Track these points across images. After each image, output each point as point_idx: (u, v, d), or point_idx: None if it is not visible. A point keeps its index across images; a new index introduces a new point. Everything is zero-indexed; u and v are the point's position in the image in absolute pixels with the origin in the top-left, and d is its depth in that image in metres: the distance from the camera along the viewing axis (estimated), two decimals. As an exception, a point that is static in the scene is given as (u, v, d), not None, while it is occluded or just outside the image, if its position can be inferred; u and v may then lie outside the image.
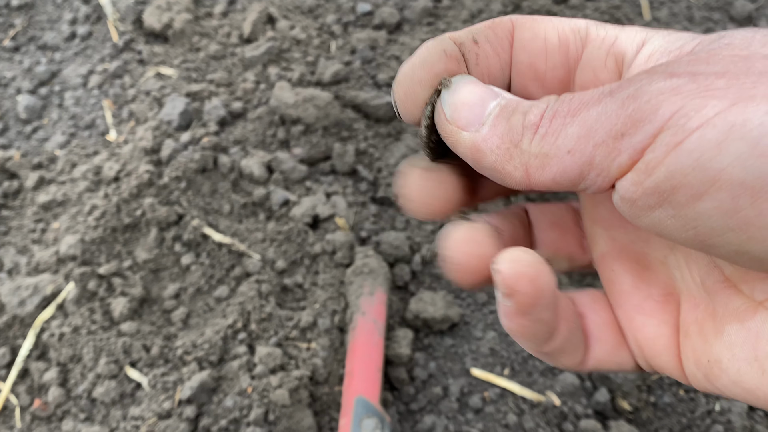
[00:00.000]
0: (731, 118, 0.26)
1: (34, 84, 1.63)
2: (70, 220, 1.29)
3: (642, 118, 0.28)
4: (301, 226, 1.29)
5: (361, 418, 1.05)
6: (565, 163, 0.31)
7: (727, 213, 0.27)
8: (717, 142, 0.26)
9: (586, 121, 0.30)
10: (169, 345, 1.15)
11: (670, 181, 0.28)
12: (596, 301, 0.41)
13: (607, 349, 0.40)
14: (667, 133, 0.28)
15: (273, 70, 1.55)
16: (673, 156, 0.28)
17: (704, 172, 0.27)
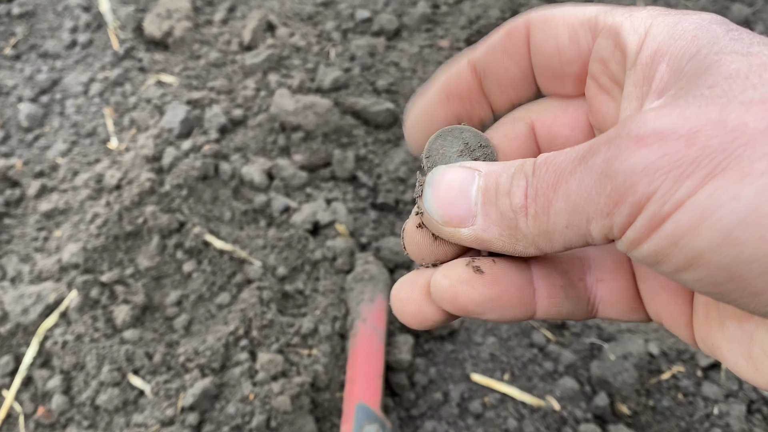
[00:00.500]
0: (703, 202, 0.27)
1: (35, 92, 1.64)
2: (72, 228, 1.30)
3: (620, 200, 0.29)
4: (302, 233, 1.30)
5: (362, 425, 1.06)
6: (567, 235, 0.33)
7: (711, 284, 0.29)
8: (691, 228, 0.28)
9: (569, 196, 0.32)
10: (171, 352, 1.16)
11: (654, 257, 0.30)
12: (619, 267, 0.41)
13: (621, 313, 0.41)
14: (644, 216, 0.29)
15: (273, 77, 1.56)
16: (654, 238, 0.29)
17: (683, 253, 0.28)
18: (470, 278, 0.37)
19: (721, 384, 1.22)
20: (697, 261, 0.28)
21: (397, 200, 1.41)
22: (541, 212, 0.33)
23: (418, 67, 1.62)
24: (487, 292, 0.37)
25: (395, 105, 1.54)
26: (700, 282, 0.29)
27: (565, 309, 0.40)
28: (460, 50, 1.62)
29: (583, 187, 0.31)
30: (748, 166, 0.26)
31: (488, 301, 0.37)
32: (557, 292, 0.40)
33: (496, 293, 0.38)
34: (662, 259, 0.29)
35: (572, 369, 1.22)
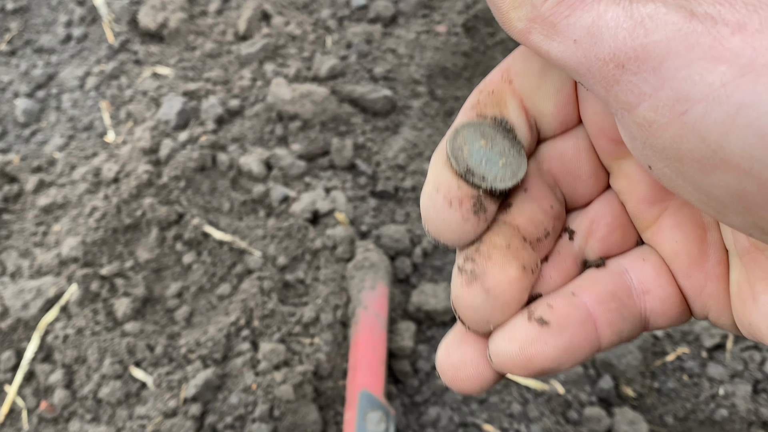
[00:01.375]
0: (738, 96, 0.24)
1: (31, 87, 1.63)
2: (71, 222, 1.29)
3: (646, 58, 0.26)
4: (301, 222, 1.29)
5: (365, 412, 1.05)
6: (568, 48, 0.29)
7: (736, 193, 0.26)
8: (723, 124, 0.25)
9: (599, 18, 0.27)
10: (173, 344, 1.15)
11: (676, 151, 0.27)
12: (660, 275, 0.38)
13: (672, 320, 0.38)
14: (670, 94, 0.26)
15: (269, 67, 1.55)
16: (677, 126, 0.26)
17: (710, 152, 0.26)
18: (539, 334, 0.34)
19: (726, 364, 1.21)
20: (725, 164, 0.25)
21: (396, 188, 1.40)
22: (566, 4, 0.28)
23: (416, 53, 1.61)
24: (560, 343, 0.34)
25: (393, 92, 1.53)
26: (724, 190, 0.26)
27: (625, 332, 0.37)
28: (457, 35, 1.61)
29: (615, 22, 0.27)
30: None
31: (562, 352, 0.34)
32: (614, 317, 0.36)
33: (567, 340, 0.34)
34: (684, 155, 0.26)
35: (576, 352, 1.21)
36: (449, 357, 0.36)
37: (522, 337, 0.34)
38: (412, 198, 1.40)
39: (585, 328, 0.35)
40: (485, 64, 1.64)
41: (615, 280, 0.38)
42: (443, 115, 1.53)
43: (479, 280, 0.34)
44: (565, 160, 0.39)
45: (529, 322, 0.34)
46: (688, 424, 1.16)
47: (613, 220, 0.40)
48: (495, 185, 0.36)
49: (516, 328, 0.34)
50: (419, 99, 1.54)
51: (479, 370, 0.36)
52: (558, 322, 0.34)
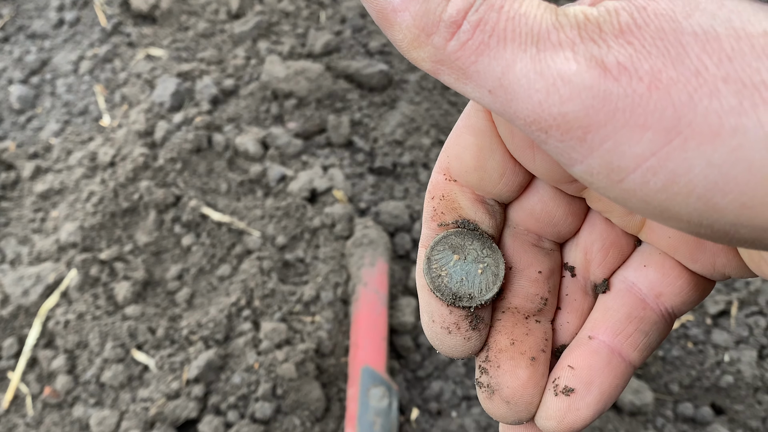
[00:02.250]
0: (672, 165, 0.23)
1: (25, 73, 1.62)
2: (69, 208, 1.29)
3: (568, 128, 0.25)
4: (300, 201, 1.28)
5: (368, 388, 1.05)
6: (485, 97, 0.27)
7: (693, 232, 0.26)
8: (664, 191, 0.24)
9: (508, 70, 0.26)
10: (174, 326, 1.15)
11: (624, 204, 0.26)
12: (666, 273, 0.39)
13: (696, 302, 0.39)
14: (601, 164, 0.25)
15: (263, 45, 1.53)
16: (617, 191, 0.26)
17: (658, 212, 0.25)
18: (569, 404, 0.36)
19: (731, 331, 1.20)
20: (674, 217, 0.25)
21: (394, 163, 1.39)
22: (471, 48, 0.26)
23: (411, 26, 1.59)
24: (592, 400, 0.36)
25: (389, 66, 1.52)
26: (683, 227, 0.26)
27: (652, 342, 0.38)
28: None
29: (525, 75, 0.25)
30: (717, 123, 0.23)
31: (597, 404, 0.36)
32: (637, 338, 0.38)
33: (597, 392, 0.36)
34: (635, 210, 0.26)
35: (579, 323, 1.21)
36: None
37: (555, 414, 0.36)
38: (410, 173, 1.38)
39: (611, 367, 0.37)
40: (482, 35, 1.61)
41: (625, 301, 0.39)
42: (441, 88, 1.51)
43: (497, 394, 0.37)
44: (536, 214, 0.40)
45: (557, 397, 0.36)
46: (693, 392, 1.16)
47: (604, 242, 0.40)
48: (483, 298, 0.37)
49: (548, 407, 0.36)
50: (416, 72, 1.52)
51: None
52: (583, 382, 0.36)
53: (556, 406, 0.36)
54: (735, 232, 0.24)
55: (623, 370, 0.37)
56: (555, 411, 0.36)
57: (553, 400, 0.36)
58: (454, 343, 0.38)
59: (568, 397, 0.36)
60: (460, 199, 0.38)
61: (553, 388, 0.37)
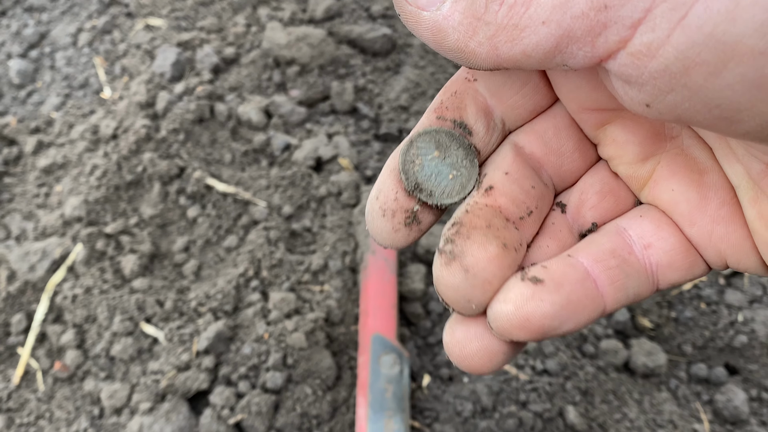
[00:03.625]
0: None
1: (23, 47, 1.59)
2: (73, 182, 1.28)
3: None
4: (305, 170, 1.26)
5: (379, 355, 1.04)
6: (539, 34, 0.28)
7: (752, 84, 0.24)
8: (727, 11, 0.23)
9: None
10: (182, 298, 1.14)
11: (682, 62, 0.25)
12: (660, 225, 0.37)
13: (683, 271, 0.37)
14: (664, 6, 0.24)
15: (263, 11, 1.50)
16: (678, 34, 0.24)
17: (719, 47, 0.24)
18: (534, 291, 0.33)
19: (744, 290, 1.19)
20: (737, 53, 0.24)
21: (400, 129, 1.37)
22: (520, 2, 0.28)
23: (414, -12, 1.56)
24: (558, 299, 0.33)
25: (392, 30, 1.49)
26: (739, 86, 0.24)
27: (631, 290, 0.36)
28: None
29: None
30: None
31: (561, 309, 0.33)
32: (616, 273, 0.35)
33: (564, 298, 0.33)
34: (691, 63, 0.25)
35: (590, 286, 1.19)
36: (454, 335, 0.36)
37: (516, 297, 0.33)
38: (416, 139, 1.36)
39: (584, 286, 0.34)
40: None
41: (613, 238, 0.37)
42: (445, 52, 1.48)
43: (458, 260, 0.34)
44: (546, 139, 0.39)
45: (522, 282, 0.33)
46: (707, 352, 1.15)
47: (603, 187, 0.39)
48: (441, 201, 0.37)
49: (510, 289, 0.33)
50: (420, 36, 1.49)
51: (484, 343, 0.35)
52: (553, 280, 0.33)
53: (520, 291, 0.33)
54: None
55: (594, 298, 0.35)
56: (517, 295, 0.33)
57: (517, 284, 0.33)
58: (382, 227, 0.37)
59: (534, 285, 0.33)
60: (469, 103, 0.38)
61: (521, 275, 0.34)
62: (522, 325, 0.32)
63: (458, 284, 0.34)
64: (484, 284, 0.33)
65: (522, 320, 0.32)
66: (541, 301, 0.32)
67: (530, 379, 1.08)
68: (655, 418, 1.06)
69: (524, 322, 0.32)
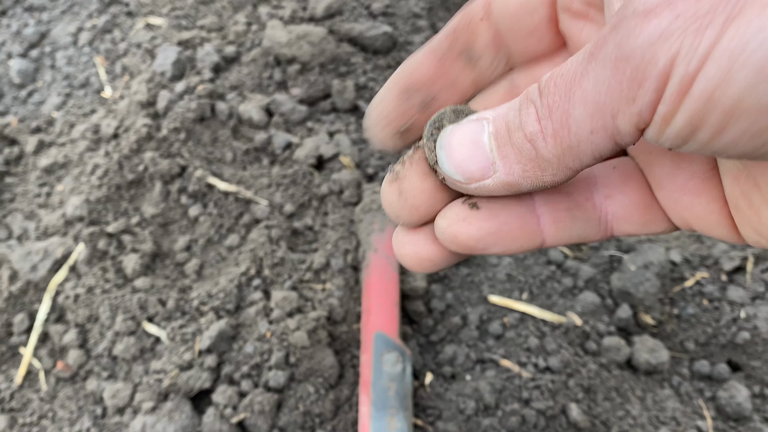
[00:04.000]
0: (728, 45, 0.25)
1: (24, 47, 1.59)
2: (74, 182, 1.28)
3: (644, 77, 0.28)
4: (306, 168, 1.26)
5: (381, 353, 1.04)
6: (594, 142, 0.31)
7: (754, 136, 0.27)
8: (722, 76, 0.26)
9: (586, 98, 0.30)
10: (184, 297, 1.14)
11: (689, 127, 0.28)
12: (627, 180, 0.40)
13: (638, 225, 0.40)
14: (672, 83, 0.27)
15: (264, 10, 1.50)
16: (685, 104, 0.27)
17: (719, 109, 0.26)
18: (467, 215, 0.37)
19: (746, 287, 1.19)
20: (736, 111, 0.26)
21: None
22: (559, 128, 0.31)
23: (414, -14, 1.56)
24: (485, 226, 0.37)
25: (393, 28, 1.48)
26: (744, 136, 0.27)
27: (575, 231, 0.39)
28: (457, -36, 1.55)
29: (600, 81, 0.29)
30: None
31: (488, 234, 0.37)
32: (562, 216, 0.39)
33: (495, 226, 0.37)
34: (700, 123, 0.27)
35: (592, 283, 1.19)
36: (397, 236, 0.41)
37: (451, 216, 0.38)
38: (418, 136, 1.36)
39: (522, 219, 0.38)
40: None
41: (576, 182, 0.40)
42: (446, 49, 1.48)
43: (398, 182, 0.39)
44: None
45: (462, 205, 0.38)
46: (709, 349, 1.15)
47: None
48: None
49: (450, 208, 0.38)
50: (420, 34, 1.49)
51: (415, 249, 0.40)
52: (490, 209, 0.37)
53: (456, 211, 0.38)
54: None
55: (531, 232, 0.38)
56: (452, 214, 0.38)
57: (457, 205, 0.38)
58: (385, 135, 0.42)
59: (470, 209, 0.37)
60: (481, 34, 0.41)
61: (465, 199, 0.38)
62: (451, 240, 0.37)
63: (392, 202, 0.39)
64: (411, 208, 0.39)
65: (451, 236, 0.37)
66: (469, 225, 0.37)
67: (533, 376, 1.08)
68: (657, 415, 1.06)
69: (453, 238, 0.37)
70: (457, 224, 0.37)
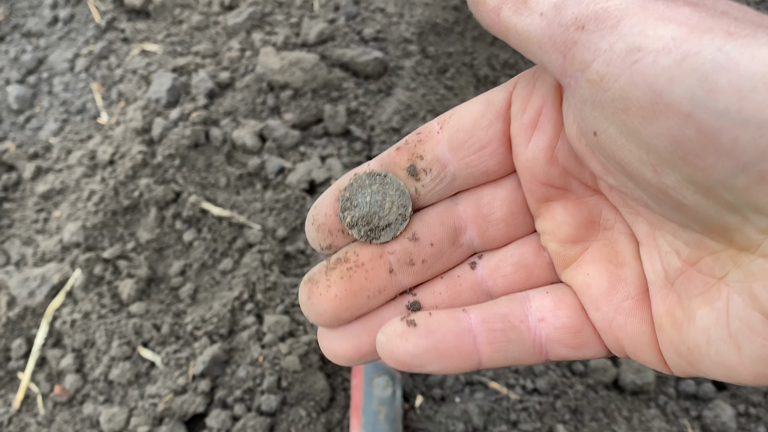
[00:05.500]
0: (685, 47, 0.27)
1: (22, 73, 1.62)
2: (71, 208, 1.30)
3: (606, 18, 0.29)
4: (299, 193, 1.29)
5: (372, 377, 1.06)
6: (533, 22, 0.32)
7: (674, 140, 0.28)
8: (670, 70, 0.27)
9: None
10: (179, 322, 1.17)
11: (624, 101, 0.29)
12: (558, 305, 0.41)
13: (571, 349, 0.40)
14: (623, 47, 0.28)
15: (257, 36, 1.53)
16: (627, 75, 0.28)
17: (656, 97, 0.28)
18: (404, 331, 0.38)
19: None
20: (668, 109, 0.27)
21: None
22: None
23: (405, 10, 1.58)
24: (422, 343, 0.38)
25: (384, 53, 1.51)
26: (665, 137, 0.28)
27: (510, 353, 0.40)
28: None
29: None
30: (735, 29, 0.27)
31: (424, 351, 0.38)
32: (497, 336, 0.39)
33: (431, 343, 0.38)
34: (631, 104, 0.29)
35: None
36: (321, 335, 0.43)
37: (390, 332, 0.39)
38: (408, 160, 1.38)
39: (458, 339, 0.39)
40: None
41: (511, 305, 0.41)
42: (436, 73, 1.51)
43: (309, 285, 0.41)
44: (481, 204, 0.42)
45: (400, 322, 0.39)
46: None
47: (520, 260, 0.43)
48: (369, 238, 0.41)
49: (390, 324, 0.39)
50: (411, 58, 1.52)
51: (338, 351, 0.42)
52: (428, 327, 0.38)
53: (394, 328, 0.39)
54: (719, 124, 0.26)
55: (467, 352, 0.39)
56: (391, 330, 0.39)
57: (396, 322, 0.39)
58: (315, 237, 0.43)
59: (408, 326, 0.39)
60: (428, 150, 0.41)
61: (405, 315, 0.40)
62: (389, 356, 0.38)
63: (302, 302, 0.41)
64: (318, 314, 0.40)
65: (389, 352, 0.38)
66: (405, 341, 0.38)
67: (521, 398, 1.10)
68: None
69: (390, 354, 0.38)
70: (394, 340, 0.38)
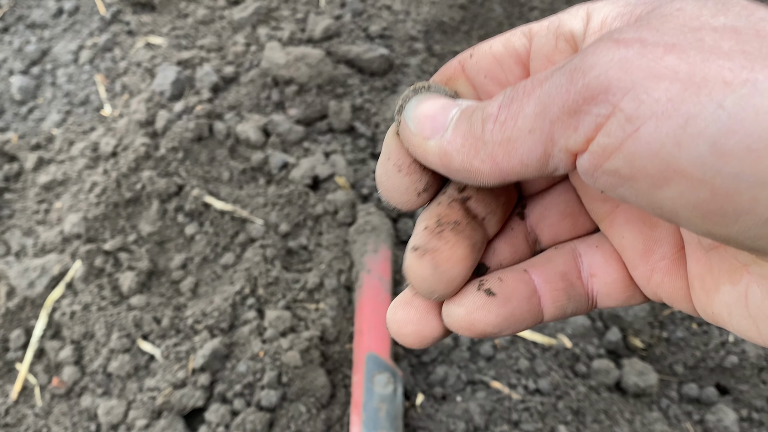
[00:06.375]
0: (685, 108, 0.25)
1: (25, 64, 1.61)
2: (72, 199, 1.29)
3: (593, 95, 0.28)
4: (302, 188, 1.28)
5: (373, 374, 1.06)
6: (528, 143, 0.31)
7: (689, 203, 0.27)
8: (674, 135, 0.26)
9: (540, 98, 0.30)
10: (179, 315, 1.16)
11: (629, 168, 0.28)
12: (608, 261, 0.41)
13: (619, 302, 0.41)
14: (620, 116, 0.27)
15: (263, 31, 1.52)
16: (630, 144, 0.27)
17: (664, 165, 0.26)
18: (484, 303, 0.38)
19: (735, 311, 1.20)
20: (678, 174, 0.26)
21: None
22: (509, 118, 0.31)
23: (411, 8, 1.58)
24: (503, 313, 0.38)
25: (389, 50, 1.51)
26: (679, 201, 0.27)
27: (569, 309, 0.41)
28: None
29: (554, 85, 0.29)
30: (729, 76, 0.25)
31: (504, 320, 0.38)
32: (560, 295, 0.40)
33: (509, 311, 0.38)
34: (638, 172, 0.27)
35: (583, 306, 1.20)
36: (395, 315, 0.40)
37: (469, 304, 0.38)
38: (412, 158, 1.38)
39: (529, 302, 0.39)
40: (483, 16, 1.60)
41: (567, 261, 0.41)
42: (442, 72, 1.50)
43: (430, 255, 0.38)
44: None
45: (477, 292, 0.38)
46: (698, 372, 1.16)
47: (565, 209, 0.43)
48: None
49: (465, 296, 0.38)
50: (417, 56, 1.51)
51: (419, 328, 0.40)
52: (504, 295, 0.38)
53: (473, 299, 0.38)
54: (735, 187, 0.25)
55: (535, 313, 0.39)
56: (470, 302, 0.38)
57: (473, 292, 0.38)
58: (401, 183, 0.39)
59: (487, 297, 0.38)
60: (461, 81, 0.41)
61: (478, 285, 0.38)
62: (467, 327, 0.38)
63: (426, 276, 0.37)
64: (449, 281, 0.38)
65: (468, 323, 0.38)
66: (488, 312, 0.38)
67: (522, 398, 1.09)
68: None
69: (470, 326, 0.38)
70: (475, 312, 0.37)
